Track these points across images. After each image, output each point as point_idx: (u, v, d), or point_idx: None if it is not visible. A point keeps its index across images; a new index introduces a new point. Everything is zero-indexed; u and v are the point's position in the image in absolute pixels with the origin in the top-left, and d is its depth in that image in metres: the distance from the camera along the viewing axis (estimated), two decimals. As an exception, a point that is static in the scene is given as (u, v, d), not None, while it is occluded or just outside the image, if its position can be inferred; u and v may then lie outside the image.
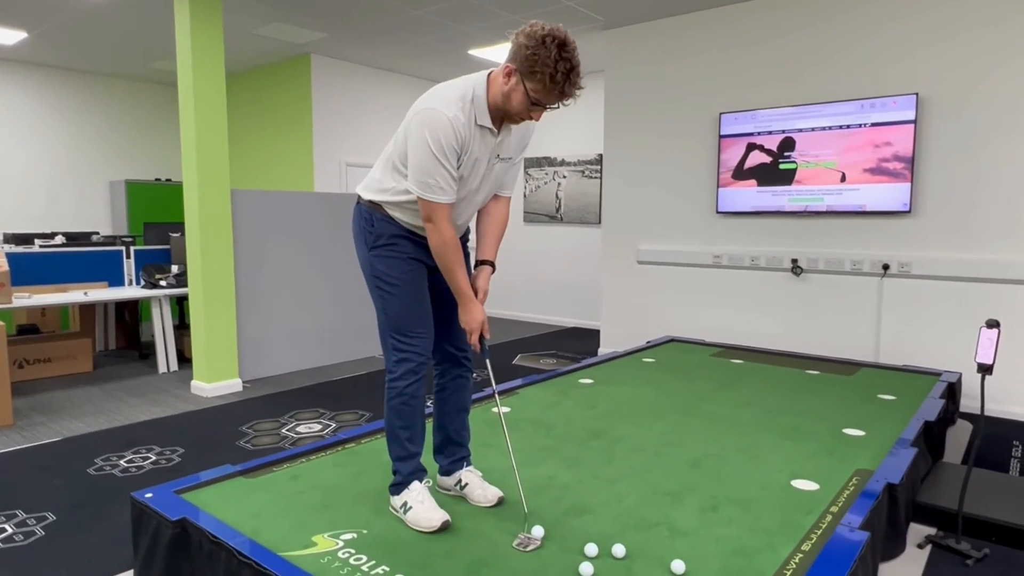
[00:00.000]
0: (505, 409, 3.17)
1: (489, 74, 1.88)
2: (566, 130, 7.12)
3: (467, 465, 2.23)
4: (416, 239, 2.00)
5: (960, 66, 3.96)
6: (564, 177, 7.16)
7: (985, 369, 2.27)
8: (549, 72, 1.74)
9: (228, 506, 2.12)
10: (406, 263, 1.99)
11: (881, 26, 4.21)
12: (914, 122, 4.09)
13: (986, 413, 3.98)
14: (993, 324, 2.26)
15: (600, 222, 6.82)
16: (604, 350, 5.61)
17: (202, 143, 4.21)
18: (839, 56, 4.37)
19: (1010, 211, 3.86)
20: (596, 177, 6.90)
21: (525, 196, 7.51)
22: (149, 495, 2.15)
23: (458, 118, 1.80)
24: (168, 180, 7.44)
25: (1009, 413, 3.90)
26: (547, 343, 6.20)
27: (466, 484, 2.17)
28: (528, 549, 1.85)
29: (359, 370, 5.06)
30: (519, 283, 7.68)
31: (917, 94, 4.07)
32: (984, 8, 3.86)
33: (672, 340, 4.92)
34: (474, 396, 3.31)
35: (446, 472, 2.23)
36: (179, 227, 5.81)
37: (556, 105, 1.82)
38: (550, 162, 7.26)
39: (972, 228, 3.99)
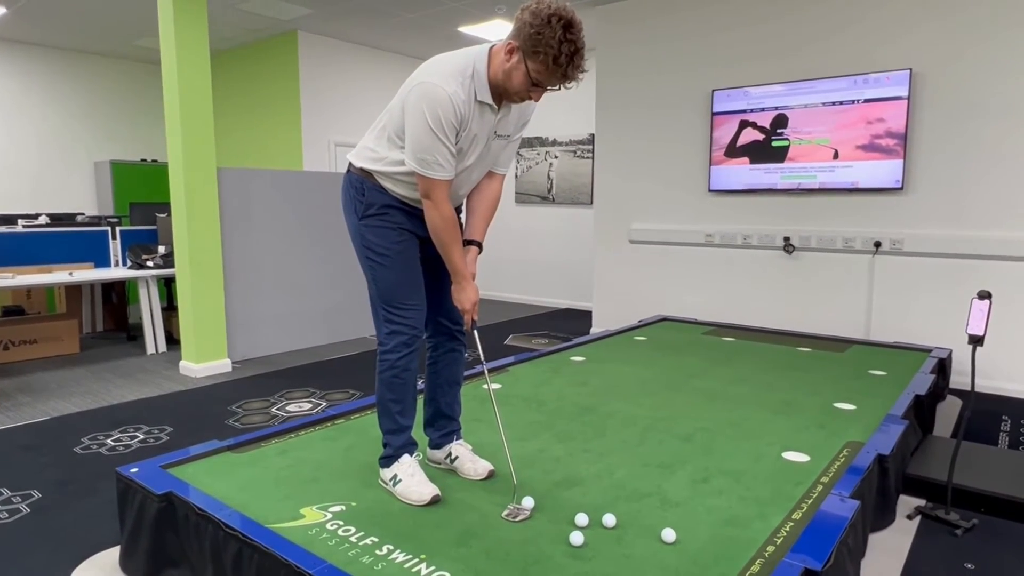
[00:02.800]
0: (496, 386, 3.15)
1: (491, 48, 1.82)
2: (558, 110, 7.06)
3: (458, 439, 2.21)
4: (408, 209, 1.96)
5: (953, 42, 3.93)
6: (556, 157, 7.10)
7: (976, 340, 2.27)
8: (553, 53, 1.68)
9: (215, 480, 2.10)
10: (397, 233, 1.94)
11: (875, 3, 4.16)
12: (907, 98, 4.06)
13: (976, 389, 4.00)
14: (985, 295, 2.25)
15: (592, 202, 6.78)
16: (596, 330, 5.60)
17: (187, 122, 4.13)
18: (832, 32, 4.33)
19: (1001, 188, 3.86)
20: (588, 157, 6.85)
21: (517, 177, 7.45)
22: (135, 470, 2.12)
23: (458, 94, 1.75)
24: (154, 161, 7.33)
25: (998, 388, 3.92)
26: (539, 324, 6.18)
27: (456, 457, 2.16)
28: (518, 519, 1.83)
29: (350, 350, 5.03)
30: (511, 264, 7.65)
31: (910, 70, 4.04)
32: (979, -18, 3.83)
33: (664, 319, 4.92)
34: (466, 373, 3.29)
35: (436, 445, 2.21)
36: (165, 207, 5.73)
37: (558, 87, 1.77)
38: (542, 142, 7.20)
39: (964, 205, 3.98)
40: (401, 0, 5.20)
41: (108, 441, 3.12)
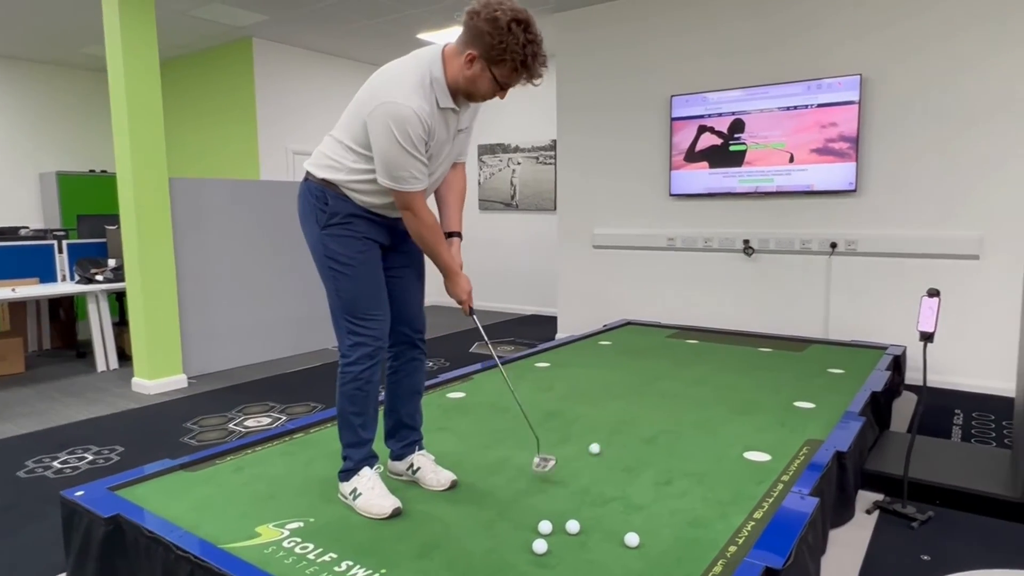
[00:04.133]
0: (460, 394, 3.12)
1: (443, 50, 1.80)
2: (519, 116, 7.07)
3: (419, 449, 2.17)
4: (371, 217, 1.93)
5: (899, 49, 4.06)
6: (519, 164, 7.11)
7: (927, 337, 2.32)
8: (519, 59, 1.70)
9: (167, 501, 2.01)
10: (361, 242, 1.91)
11: (828, 10, 4.28)
12: (858, 103, 4.17)
13: (929, 384, 4.11)
14: (934, 293, 2.31)
15: (556, 208, 6.80)
16: (561, 335, 5.60)
17: (136, 131, 4.00)
18: (787, 39, 4.43)
19: (947, 189, 3.98)
20: (551, 163, 6.88)
21: (480, 184, 7.44)
22: (80, 493, 2.03)
23: (423, 108, 1.74)
24: (104, 171, 7.10)
25: (950, 383, 4.04)
26: (505, 330, 6.16)
27: (418, 468, 2.12)
28: (548, 468, 2.08)
29: (312, 362, 4.93)
30: (476, 271, 7.61)
31: (860, 75, 4.15)
32: (921, -10, 3.97)
33: (628, 323, 4.94)
34: (427, 382, 3.25)
35: (398, 457, 2.16)
36: (115, 219, 5.55)
37: (525, 84, 1.79)
38: (504, 149, 7.20)
39: (913, 206, 4.10)
40: (359, 7, 5.15)
41: (55, 464, 2.99)
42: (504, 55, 1.69)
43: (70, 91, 7.12)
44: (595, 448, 1.96)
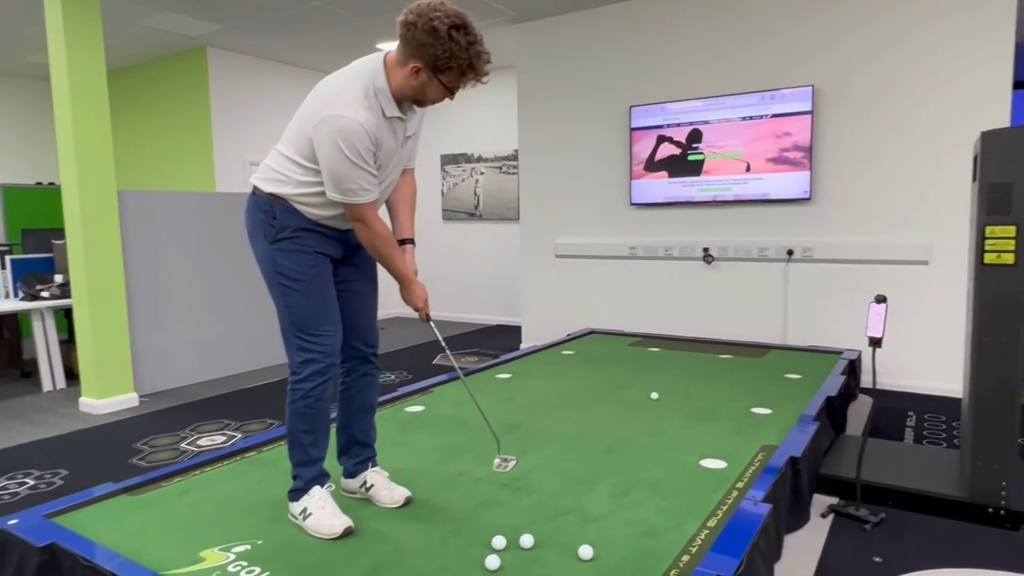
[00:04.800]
0: (419, 408, 3.07)
1: (385, 58, 1.78)
2: (482, 126, 7.07)
3: (373, 466, 2.12)
4: (321, 230, 1.89)
5: (849, 61, 4.17)
6: (482, 174, 7.10)
7: (875, 342, 2.37)
8: (465, 63, 1.70)
9: (107, 527, 1.93)
10: (311, 257, 1.87)
11: (781, 24, 4.37)
12: (811, 113, 4.27)
13: (884, 387, 4.20)
14: (881, 299, 2.36)
15: (519, 218, 6.80)
16: (525, 345, 5.59)
17: (81, 142, 3.88)
18: (742, 51, 4.52)
19: (896, 196, 4.10)
20: (514, 173, 6.88)
21: (443, 194, 7.41)
22: (13, 521, 1.94)
23: (369, 120, 1.72)
24: (51, 183, 6.86)
25: (903, 386, 4.14)
26: (469, 341, 6.12)
27: (371, 486, 2.07)
28: (508, 469, 2.12)
29: (270, 377, 4.82)
30: (440, 282, 7.56)
31: (812, 86, 4.25)
32: (867, 8, 4.08)
33: (592, 332, 4.95)
34: (386, 396, 3.20)
35: (351, 474, 2.11)
36: (63, 233, 5.36)
37: (473, 84, 1.79)
38: (467, 159, 7.19)
39: (865, 213, 4.21)
40: (316, 16, 5.09)
41: (-8, 490, 2.85)
42: (450, 63, 1.69)
43: (13, 101, 6.88)
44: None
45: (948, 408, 3.72)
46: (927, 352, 4.07)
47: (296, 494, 1.93)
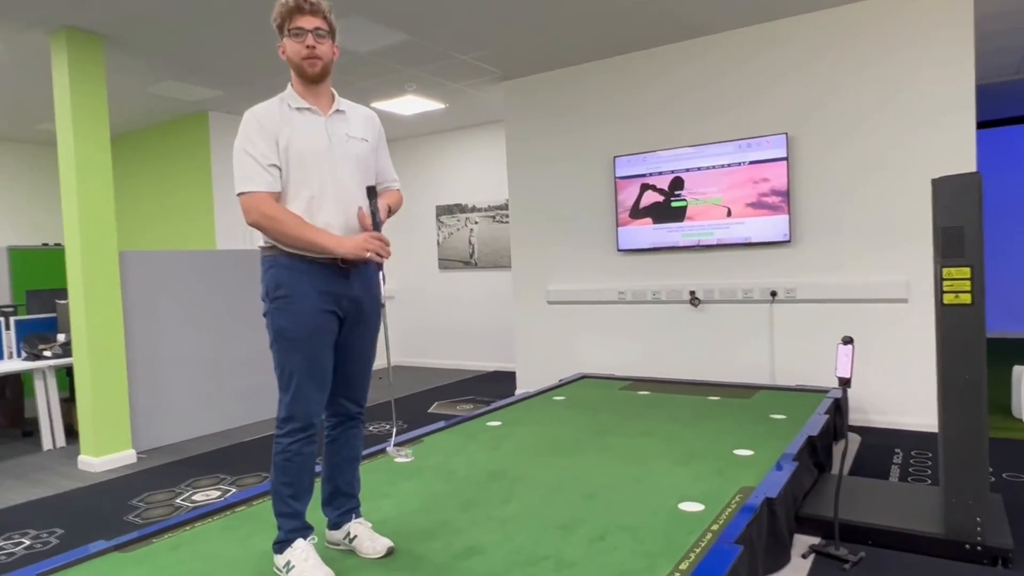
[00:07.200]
0: (408, 459, 3.12)
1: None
2: (476, 177, 7.28)
3: (356, 517, 2.17)
4: (315, 270, 1.91)
5: (819, 109, 4.35)
6: (476, 223, 7.27)
7: (844, 382, 2.44)
8: (284, 6, 1.91)
9: (96, 585, 1.98)
10: (309, 316, 1.91)
11: (756, 77, 4.58)
12: (786, 159, 4.43)
13: (872, 424, 4.23)
14: (848, 340, 2.44)
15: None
16: (520, 391, 5.64)
17: (85, 204, 4.05)
18: (719, 102, 4.72)
19: (871, 236, 4.21)
20: (507, 222, 7.05)
21: (439, 243, 7.57)
22: (5, 582, 1.98)
23: (263, 109, 1.93)
24: (57, 244, 7.05)
25: (890, 423, 4.17)
26: (465, 389, 6.17)
27: (355, 536, 2.12)
28: (401, 456, 2.22)
29: (267, 430, 4.87)
30: (436, 330, 7.66)
31: (786, 133, 4.42)
32: (836, 58, 4.28)
33: (584, 377, 5.01)
34: (375, 448, 3.25)
35: (335, 525, 2.16)
36: (67, 293, 5.49)
37: (325, 26, 1.94)
38: (462, 209, 7.37)
39: (843, 253, 4.32)
40: (311, 80, 5.33)
41: (-12, 550, 2.89)
42: (278, 16, 1.94)
43: (23, 165, 7.14)
44: None
45: (935, 445, 3.74)
46: (912, 388, 4.12)
47: (280, 546, 1.98)
